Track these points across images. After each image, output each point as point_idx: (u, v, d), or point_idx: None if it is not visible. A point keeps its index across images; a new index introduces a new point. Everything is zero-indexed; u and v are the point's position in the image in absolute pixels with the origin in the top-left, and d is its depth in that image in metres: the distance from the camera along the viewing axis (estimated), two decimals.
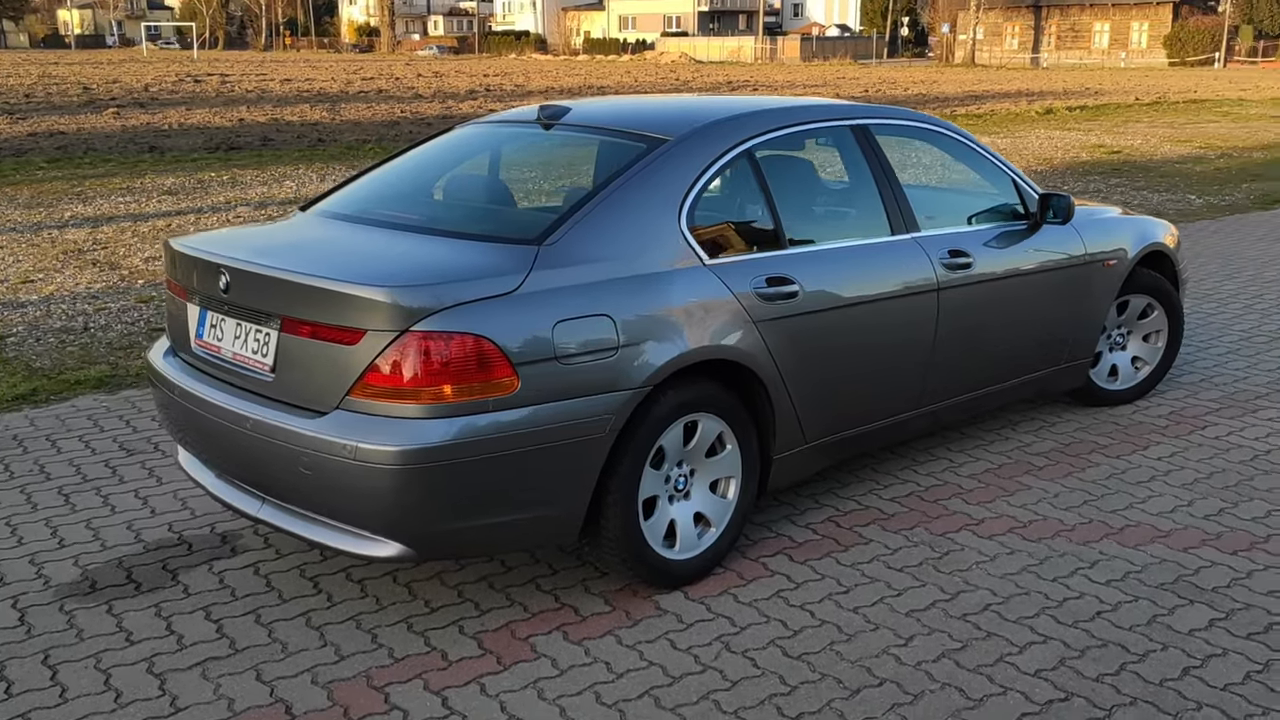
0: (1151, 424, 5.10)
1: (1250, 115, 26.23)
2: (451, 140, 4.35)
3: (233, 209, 11.40)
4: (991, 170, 4.62)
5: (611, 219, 3.38)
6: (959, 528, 4.01)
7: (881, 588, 3.57)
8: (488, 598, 3.53)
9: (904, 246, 4.08)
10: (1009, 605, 3.45)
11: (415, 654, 3.21)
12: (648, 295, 3.33)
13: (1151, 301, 5.28)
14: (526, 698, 2.99)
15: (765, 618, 3.39)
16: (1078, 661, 3.13)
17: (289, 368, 3.17)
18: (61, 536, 3.98)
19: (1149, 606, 3.44)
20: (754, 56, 71.37)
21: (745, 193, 3.72)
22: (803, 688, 3.02)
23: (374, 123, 21.85)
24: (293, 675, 3.11)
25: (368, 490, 2.98)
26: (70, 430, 5.06)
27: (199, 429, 3.46)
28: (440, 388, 2.98)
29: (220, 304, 3.41)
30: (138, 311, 7.22)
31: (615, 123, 3.92)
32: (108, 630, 3.35)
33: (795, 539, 3.92)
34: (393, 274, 3.07)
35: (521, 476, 3.11)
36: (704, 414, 3.49)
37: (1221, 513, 4.12)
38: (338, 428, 3.01)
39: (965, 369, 4.37)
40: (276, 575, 3.69)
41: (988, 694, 2.98)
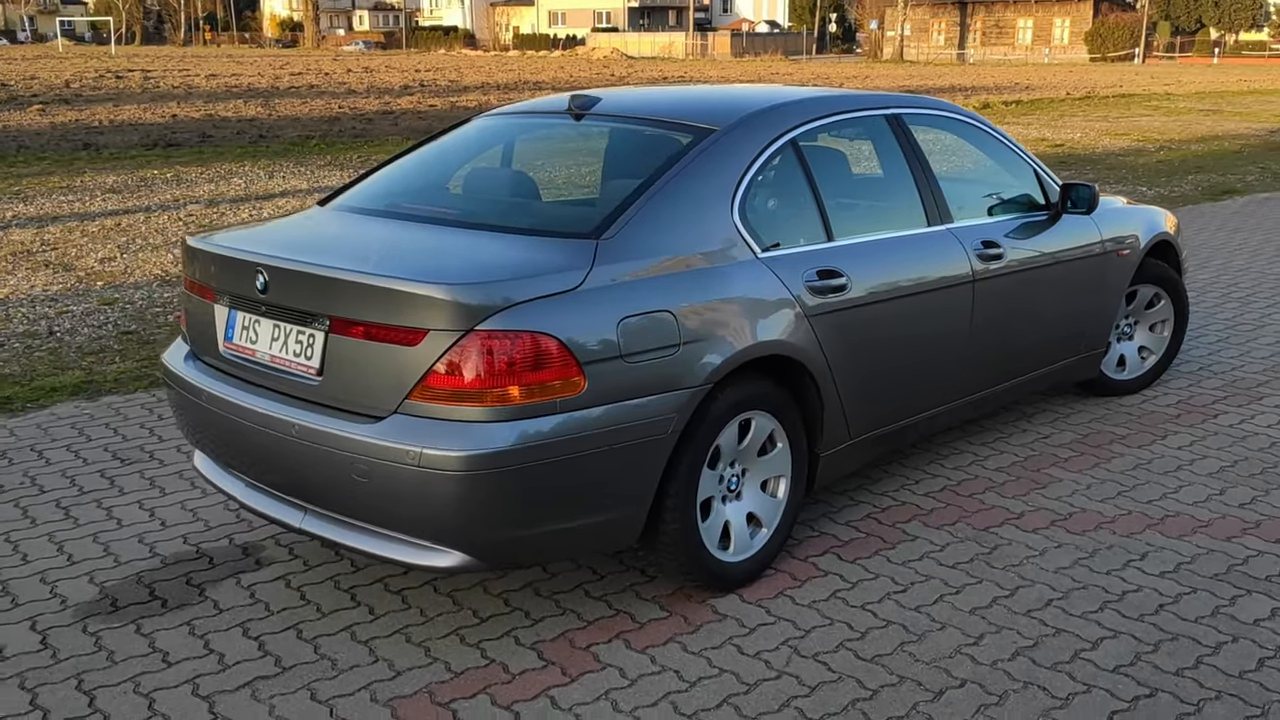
0: (1163, 413, 5.12)
1: (1179, 109, 26.84)
2: (476, 132, 4.19)
3: (183, 207, 11.05)
4: (1014, 160, 4.59)
5: (667, 212, 3.27)
6: (1001, 522, 3.96)
7: (939, 585, 3.50)
8: (537, 606, 3.39)
9: (941, 238, 4.02)
10: (1070, 600, 3.41)
11: (474, 667, 3.07)
12: (707, 290, 3.22)
13: (1159, 291, 5.30)
14: (601, 710, 2.87)
15: (828, 620, 3.30)
16: (1154, 656, 3.09)
17: (339, 370, 3.00)
18: (70, 553, 3.76)
19: (1209, 598, 3.41)
20: (685, 52, 71.45)
21: (792, 184, 3.63)
22: (884, 691, 2.94)
23: (312, 118, 21.41)
24: (350, 694, 2.95)
25: (431, 498, 2.83)
26: (55, 440, 4.81)
27: (231, 436, 3.27)
28: (506, 389, 2.84)
29: (255, 305, 3.22)
30: (103, 315, 6.93)
31: (654, 113, 3.80)
32: (141, 651, 3.16)
33: (840, 537, 3.84)
34: (454, 271, 2.93)
35: (587, 480, 2.98)
36: (757, 412, 3.40)
37: (1255, 501, 4.13)
38: (398, 433, 2.86)
39: (997, 360, 4.33)
40: (310, 588, 3.52)
41: (1073, 692, 2.92)
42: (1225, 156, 16.93)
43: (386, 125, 20.19)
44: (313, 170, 13.95)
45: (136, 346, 6.25)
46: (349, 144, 17.07)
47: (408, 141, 17.41)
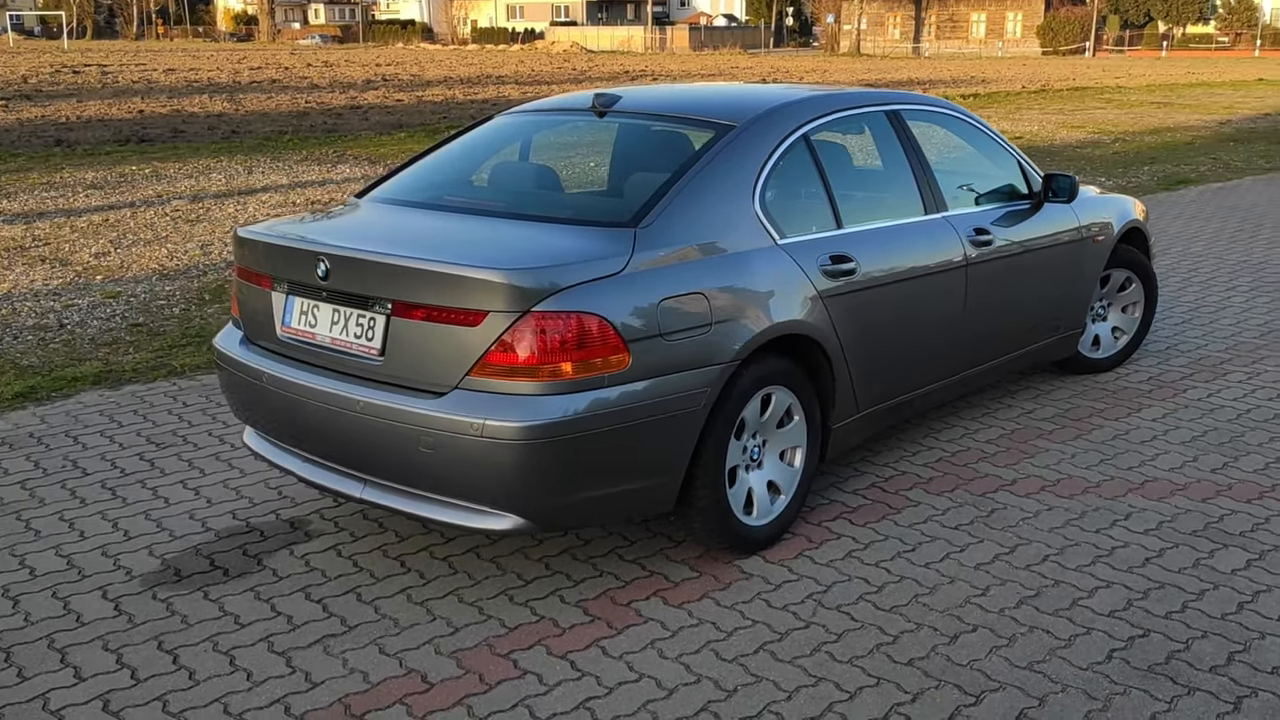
0: (1136, 389, 5.47)
1: (1132, 101, 27.48)
2: (503, 128, 4.43)
3: (167, 202, 11.17)
4: (999, 152, 4.91)
5: (696, 202, 3.54)
6: (995, 488, 4.27)
7: (944, 545, 3.81)
8: (575, 569, 3.66)
9: (938, 225, 4.32)
10: (1065, 555, 3.72)
11: (526, 623, 3.33)
12: (734, 274, 3.50)
13: (1130, 275, 5.65)
14: (649, 657, 3.14)
15: (846, 576, 3.60)
16: (1144, 602, 3.41)
17: (401, 350, 3.24)
18: (125, 529, 3.97)
19: (1190, 552, 3.74)
20: (644, 46, 71.72)
21: (805, 175, 3.91)
22: (904, 636, 3.23)
23: (281, 113, 21.45)
24: (415, 647, 3.20)
25: (491, 465, 3.08)
26: (87, 426, 5.00)
27: (291, 415, 3.50)
28: (560, 365, 3.10)
29: (314, 290, 3.46)
30: (109, 308, 7.08)
31: (675, 110, 4.07)
32: (212, 615, 3.38)
33: (849, 504, 4.14)
34: (511, 258, 3.18)
35: (632, 449, 3.25)
36: (777, 387, 3.67)
37: (1225, 466, 4.48)
38: (462, 406, 3.11)
39: (986, 339, 4.65)
40: (360, 556, 3.76)
41: (1074, 634, 3.23)
42: (1178, 148, 17.46)
43: (356, 120, 20.29)
44: (290, 165, 14.07)
45: (148, 338, 6.43)
46: (322, 139, 17.17)
47: (380, 137, 17.56)
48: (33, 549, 3.82)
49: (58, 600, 3.48)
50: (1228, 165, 15.20)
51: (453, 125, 19.22)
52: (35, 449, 4.73)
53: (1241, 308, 7.10)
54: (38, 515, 4.09)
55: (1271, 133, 19.82)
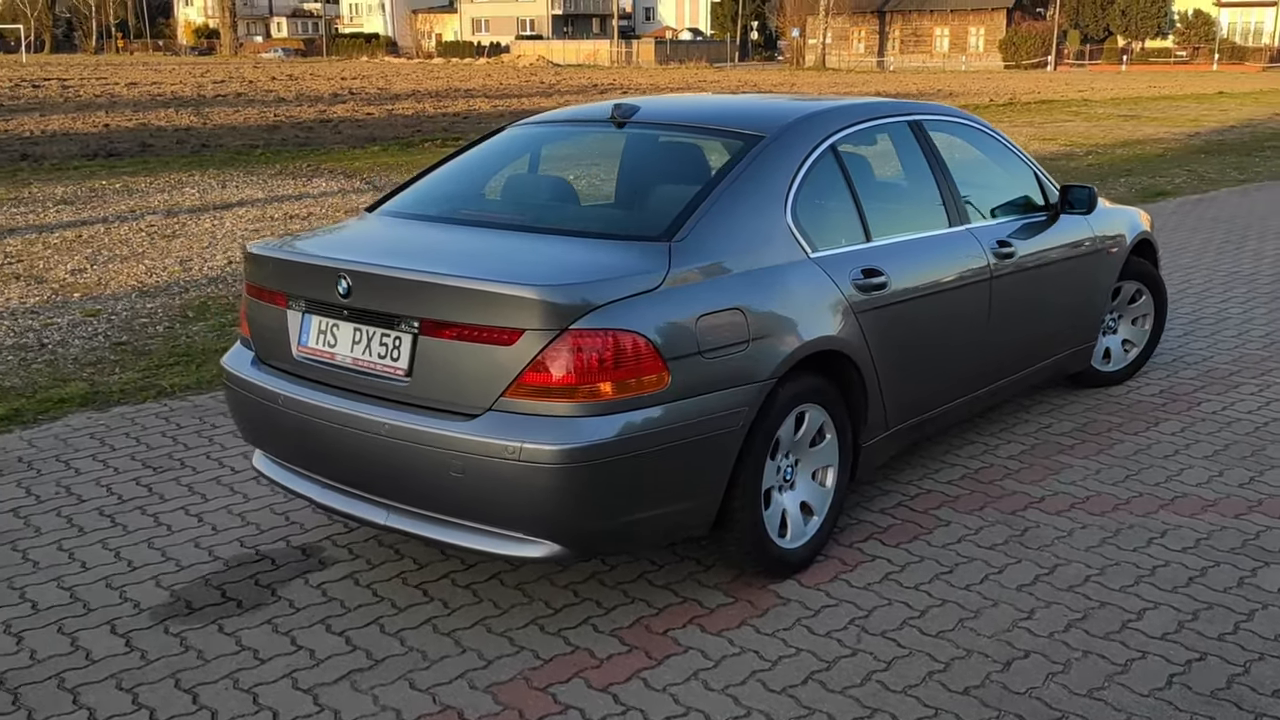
0: (1149, 403, 5.41)
1: (1099, 114, 27.73)
2: (518, 139, 4.30)
3: (141, 217, 10.93)
4: (1016, 163, 4.84)
5: (730, 215, 3.43)
6: (1025, 506, 4.18)
7: (981, 566, 3.71)
8: (605, 596, 3.52)
9: (963, 237, 4.24)
10: (1106, 576, 3.63)
11: (561, 654, 3.19)
12: (770, 288, 3.39)
13: (1141, 287, 5.60)
14: (694, 690, 3.01)
15: (886, 600, 3.49)
16: (1195, 624, 3.32)
17: (429, 371, 3.10)
18: (128, 559, 3.79)
19: (1232, 570, 3.66)
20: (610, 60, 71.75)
21: (834, 187, 3.81)
22: (955, 663, 3.12)
23: (250, 127, 21.18)
24: (448, 682, 3.06)
25: (529, 490, 2.95)
26: (78, 450, 4.81)
27: (309, 438, 3.35)
28: (599, 385, 2.97)
29: (333, 309, 3.31)
30: (90, 326, 6.88)
31: (698, 120, 3.96)
32: (229, 650, 3.22)
33: (879, 524, 4.03)
34: (546, 274, 3.05)
35: (671, 471, 3.12)
36: (810, 404, 3.57)
37: (1253, 481, 4.41)
38: (496, 429, 2.97)
39: (1009, 353, 4.57)
40: (379, 585, 3.60)
41: (1130, 659, 3.14)
42: (1150, 160, 17.58)
43: (328, 134, 20.06)
44: (265, 180, 13.85)
45: (133, 357, 6.23)
46: (294, 153, 16.95)
47: (354, 150, 17.35)
48: (32, 581, 3.64)
49: (64, 636, 3.30)
50: (1202, 177, 15.31)
51: (426, 138, 19.06)
52: (25, 474, 4.54)
53: (1240, 319, 7.08)
54: (35, 545, 3.90)
55: (1239, 145, 20.02)
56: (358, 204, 11.91)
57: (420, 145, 18.09)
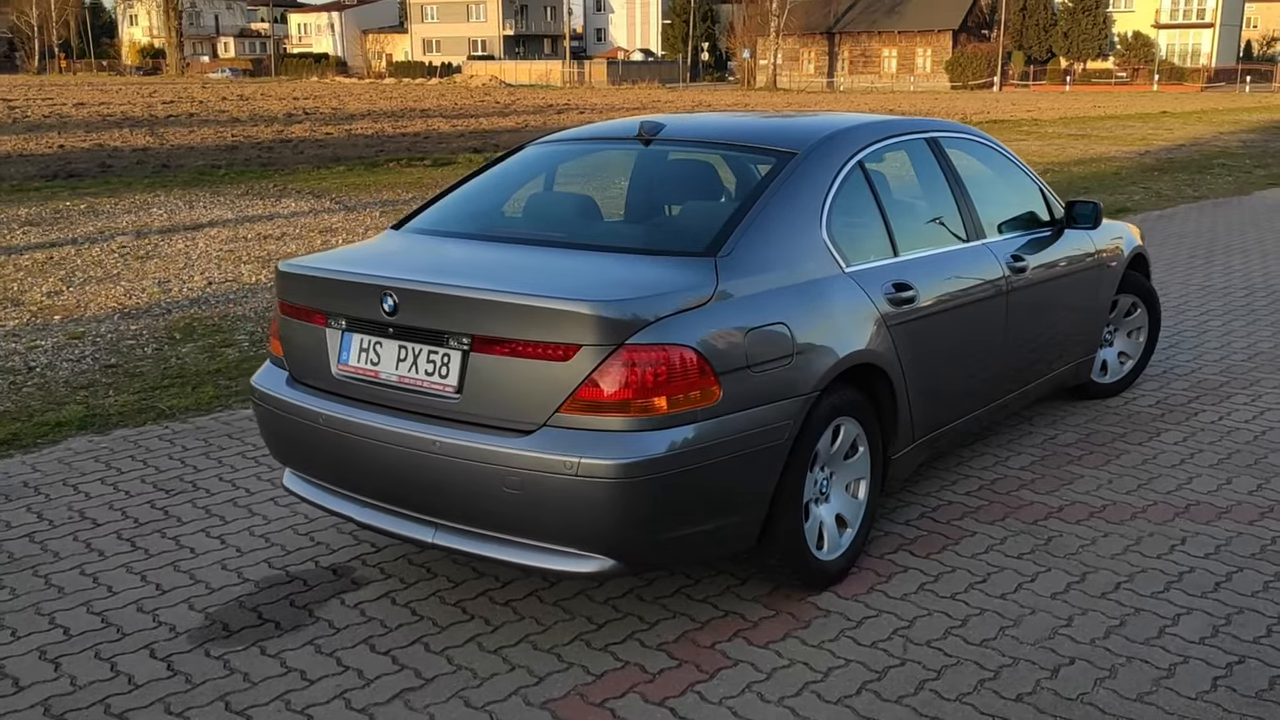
0: (1148, 413, 5.51)
1: (1049, 134, 28.25)
2: (540, 157, 4.31)
3: (111, 238, 10.78)
4: (1023, 178, 4.93)
5: (770, 229, 3.46)
6: (1045, 516, 4.25)
7: (1013, 575, 3.76)
8: (646, 611, 3.52)
9: (981, 252, 4.31)
10: (1135, 582, 3.70)
11: (612, 670, 3.19)
12: (811, 303, 3.42)
13: (1136, 300, 5.71)
14: (750, 702, 3.02)
15: (926, 610, 3.52)
16: (1230, 628, 3.39)
17: (481, 387, 3.10)
18: (156, 582, 3.74)
19: (1256, 575, 3.75)
20: (563, 80, 71.93)
21: (863, 202, 3.86)
22: (1004, 671, 3.16)
23: (208, 147, 20.97)
24: (502, 699, 3.04)
25: (587, 505, 2.95)
26: (84, 474, 4.73)
27: (351, 456, 3.33)
28: (654, 399, 2.99)
29: (377, 326, 3.29)
30: (76, 349, 6.77)
31: (726, 137, 4.00)
32: (276, 671, 3.18)
33: (906, 536, 4.07)
34: (599, 289, 3.06)
35: (723, 484, 3.14)
36: (846, 418, 3.60)
37: (1260, 489, 4.51)
38: (553, 444, 2.97)
39: (1023, 365, 4.64)
40: (417, 604, 3.58)
41: (1173, 663, 3.19)
42: (1106, 178, 17.93)
43: (289, 153, 19.91)
44: (232, 200, 13.72)
45: (126, 379, 6.14)
46: (258, 173, 16.79)
47: (319, 170, 17.22)
48: (60, 607, 3.57)
49: (102, 661, 3.25)
50: (1159, 194, 15.64)
51: (390, 158, 18.98)
52: (34, 499, 4.46)
53: (1220, 331, 7.24)
54: (56, 570, 3.83)
55: (1190, 163, 20.48)
56: (330, 224, 11.84)
57: (385, 165, 18.01)
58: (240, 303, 8.10)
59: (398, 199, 13.97)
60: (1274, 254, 10.31)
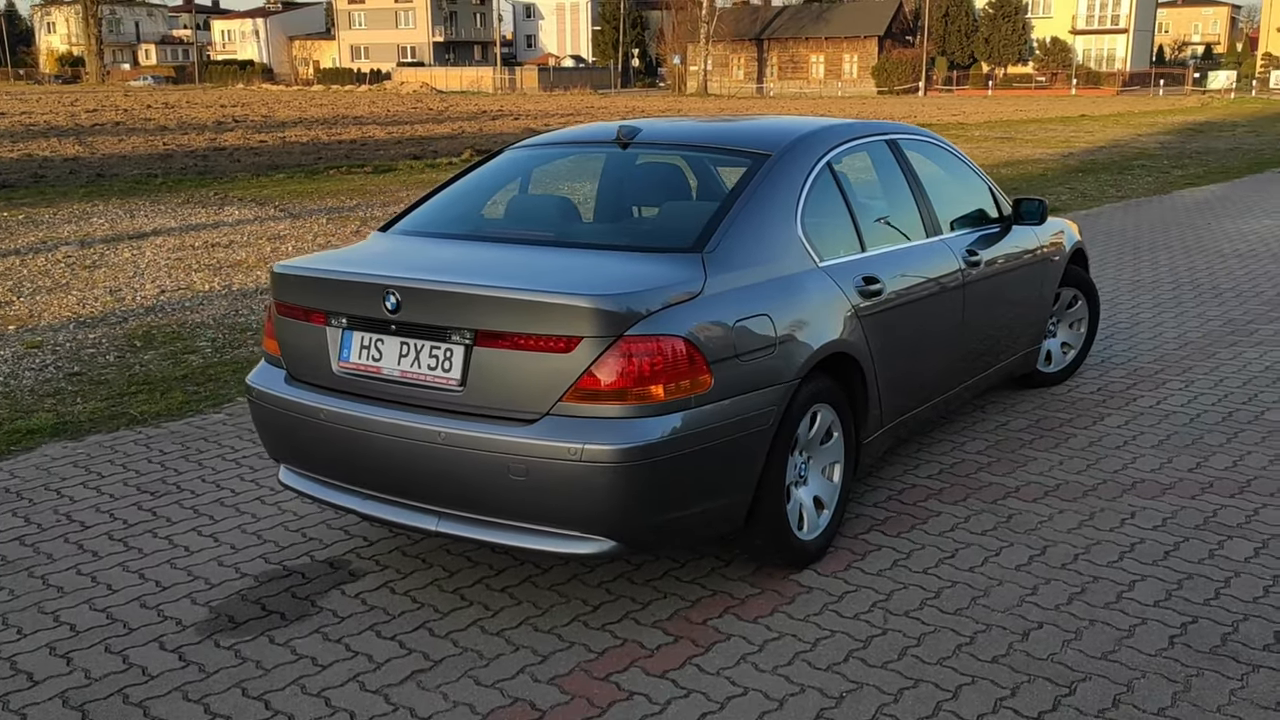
0: (1090, 400, 5.81)
1: (977, 137, 28.92)
2: (524, 160, 4.45)
3: (55, 248, 10.69)
4: (973, 178, 5.19)
5: (752, 227, 3.65)
6: (1003, 496, 4.49)
7: (979, 550, 3.99)
8: (638, 592, 3.69)
9: (940, 247, 4.55)
10: (1092, 553, 3.95)
11: (612, 647, 3.35)
12: (791, 295, 3.62)
13: (1077, 293, 6.01)
14: (746, 671, 3.21)
15: (902, 584, 3.74)
16: (1181, 592, 3.65)
17: (484, 380, 3.24)
18: (154, 579, 3.82)
19: (1200, 545, 4.02)
20: (494, 87, 71.82)
21: (832, 201, 4.06)
22: (979, 637, 3.38)
23: (141, 156, 20.71)
24: (510, 677, 3.19)
25: (589, 489, 3.11)
26: (64, 479, 4.78)
27: (354, 450, 3.45)
28: (651, 388, 3.16)
29: (378, 324, 3.42)
30: (36, 358, 6.76)
31: (701, 140, 4.19)
32: (286, 659, 3.30)
33: (876, 517, 4.29)
34: (597, 284, 3.22)
35: (714, 468, 3.32)
36: (822, 404, 3.81)
37: (1199, 466, 4.81)
38: (557, 432, 3.13)
39: (977, 355, 4.90)
40: (416, 592, 3.71)
41: (1132, 625, 3.44)
42: (1033, 179, 18.47)
43: (225, 161, 19.75)
44: (173, 208, 13.62)
45: (92, 387, 6.16)
46: (195, 181, 16.66)
47: (258, 179, 17.12)
48: (63, 605, 3.64)
49: (113, 655, 3.33)
50: (1084, 194, 16.16)
51: (330, 165, 18.92)
52: (18, 504, 4.50)
53: (1151, 322, 7.60)
54: (52, 571, 3.90)
55: (1112, 164, 21.15)
56: (277, 231, 11.83)
57: (325, 173, 17.96)
58: (197, 310, 8.11)
59: (342, 206, 13.98)
60: (1196, 250, 10.78)
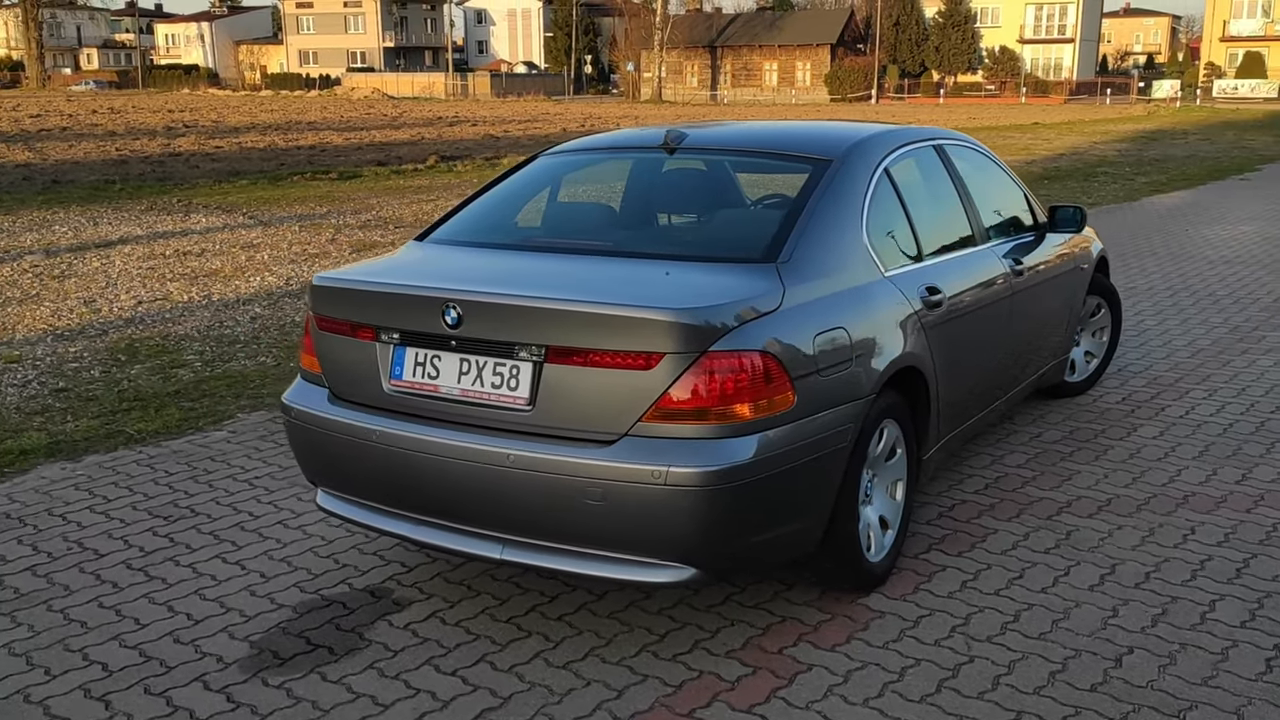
0: (1118, 410, 5.72)
1: None
2: (561, 166, 4.25)
3: (20, 258, 10.31)
4: (1011, 185, 5.07)
5: (822, 236, 3.49)
6: (1057, 511, 4.37)
7: (1046, 570, 3.85)
8: (703, 620, 3.51)
9: (989, 255, 4.42)
10: (1163, 571, 3.83)
11: (689, 679, 3.17)
12: (863, 307, 3.47)
13: (1101, 301, 5.93)
14: (836, 705, 3.04)
15: (976, 607, 3.59)
16: (1264, 611, 3.54)
17: (555, 399, 3.05)
18: (185, 611, 3.58)
19: (1270, 561, 3.91)
20: (446, 93, 71.25)
21: (892, 208, 3.92)
22: (1070, 663, 3.24)
23: (95, 162, 20.19)
24: (588, 714, 3.00)
25: (673, 514, 2.93)
26: (68, 503, 4.51)
27: (409, 474, 3.24)
28: (736, 406, 2.98)
29: (436, 340, 3.22)
30: (18, 373, 6.44)
31: (754, 146, 4.02)
32: (344, 698, 3.08)
33: (933, 535, 4.14)
34: (677, 297, 3.04)
35: (796, 489, 3.16)
36: (889, 420, 3.65)
37: (1245, 479, 4.72)
38: (638, 454, 2.94)
39: (1020, 364, 4.78)
40: (468, 623, 3.50)
41: (1224, 647, 3.32)
42: None
43: (182, 168, 19.30)
44: (137, 216, 13.24)
45: (81, 403, 5.87)
46: (155, 188, 16.23)
47: (221, 185, 16.73)
48: (90, 642, 3.39)
49: (154, 696, 3.10)
50: (1046, 199, 16.22)
51: (294, 172, 18.54)
52: (22, 530, 4.23)
53: (1158, 330, 7.56)
54: (72, 605, 3.64)
55: (1075, 171, 21.30)
56: (250, 239, 11.51)
57: (289, 179, 17.59)
58: (179, 322, 7.81)
59: (312, 213, 13.66)
60: (1183, 257, 10.80)
